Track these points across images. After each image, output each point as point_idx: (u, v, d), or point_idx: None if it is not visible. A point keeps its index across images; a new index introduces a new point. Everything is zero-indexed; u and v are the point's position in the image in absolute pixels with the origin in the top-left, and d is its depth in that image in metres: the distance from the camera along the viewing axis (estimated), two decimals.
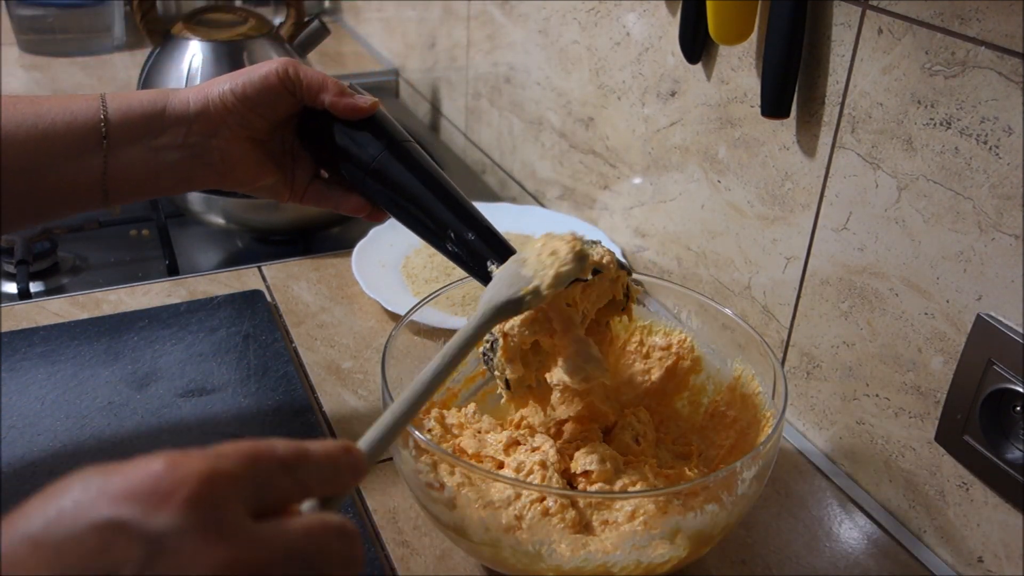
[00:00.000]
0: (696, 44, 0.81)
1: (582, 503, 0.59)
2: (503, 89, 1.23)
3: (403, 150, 0.66)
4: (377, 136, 0.66)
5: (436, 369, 0.51)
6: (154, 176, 0.64)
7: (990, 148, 0.58)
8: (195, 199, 1.03)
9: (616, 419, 0.70)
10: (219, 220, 1.05)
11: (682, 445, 0.71)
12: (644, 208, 0.96)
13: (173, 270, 1.03)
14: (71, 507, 0.34)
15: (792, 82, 0.70)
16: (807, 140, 0.72)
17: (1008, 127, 0.56)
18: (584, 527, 0.59)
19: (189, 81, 1.19)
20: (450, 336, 0.74)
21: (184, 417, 0.75)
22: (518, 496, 0.58)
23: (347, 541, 0.38)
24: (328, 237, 1.11)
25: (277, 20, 1.34)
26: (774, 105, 0.71)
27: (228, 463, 0.36)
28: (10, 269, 0.99)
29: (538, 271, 0.58)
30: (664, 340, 0.75)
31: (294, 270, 0.98)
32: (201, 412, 0.75)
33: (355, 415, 0.78)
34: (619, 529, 0.58)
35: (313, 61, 1.40)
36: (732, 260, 0.84)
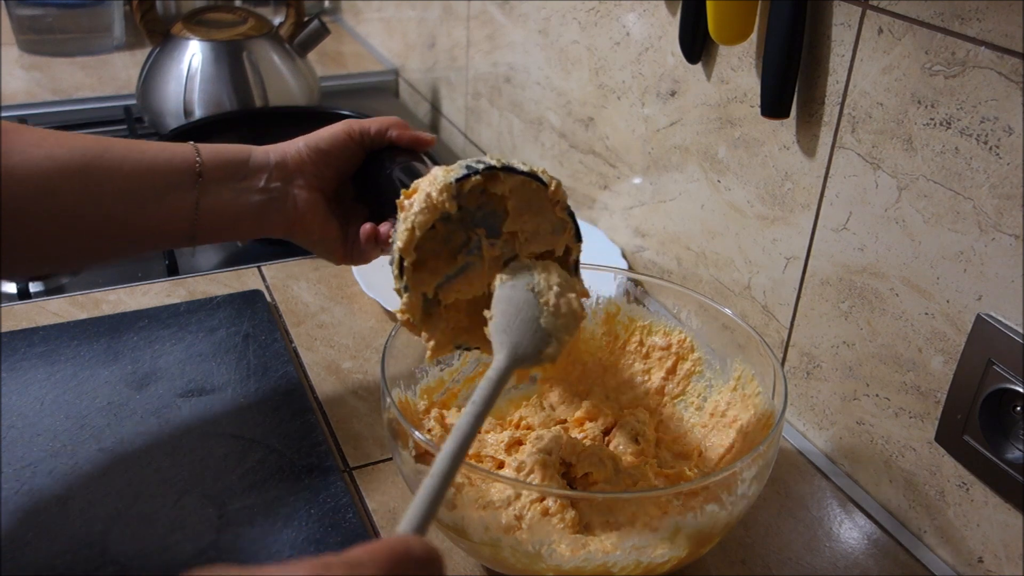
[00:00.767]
0: (696, 44, 0.81)
1: (582, 503, 0.59)
2: (503, 89, 1.23)
3: None
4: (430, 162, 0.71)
5: (469, 427, 0.50)
6: (236, 218, 0.70)
7: (990, 148, 0.58)
8: None
9: (616, 419, 0.70)
10: None
11: (682, 445, 0.71)
12: (644, 208, 0.96)
13: (173, 270, 1.03)
14: None
15: (792, 82, 0.70)
16: (807, 140, 0.72)
17: (1008, 127, 0.56)
18: (584, 527, 0.59)
19: (188, 80, 1.20)
20: None
21: (184, 417, 0.75)
22: (518, 496, 0.59)
23: None
24: None
25: (277, 20, 1.34)
26: (774, 105, 0.71)
27: (369, 571, 0.37)
28: None
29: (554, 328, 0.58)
30: (664, 340, 0.75)
31: (294, 270, 0.98)
32: (201, 412, 0.75)
33: (355, 415, 0.78)
34: (619, 529, 0.58)
35: (313, 61, 1.40)
36: (732, 260, 0.84)
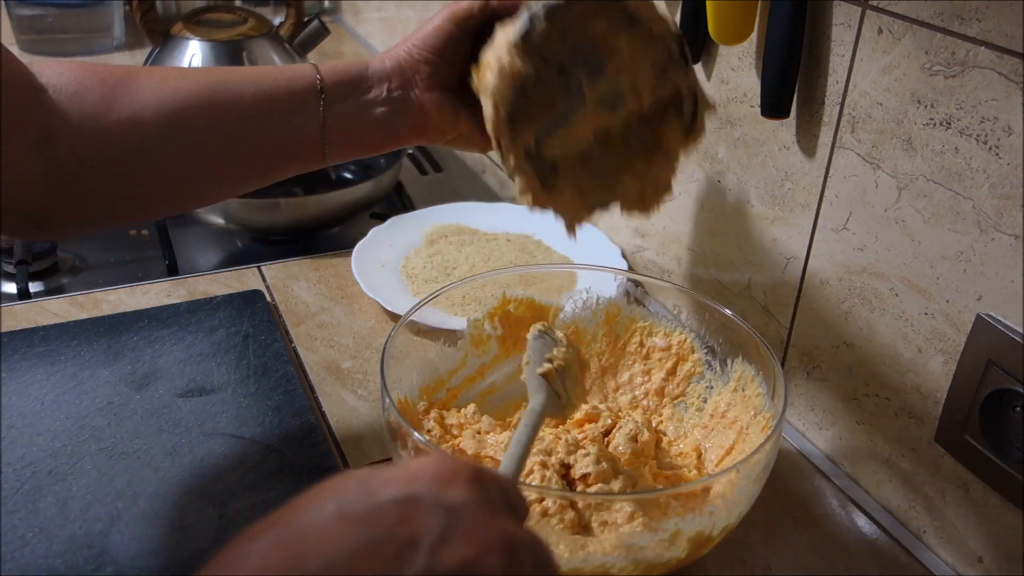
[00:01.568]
0: (696, 44, 0.81)
1: (581, 504, 0.59)
2: None
3: None
4: None
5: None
6: (365, 130, 0.70)
7: (990, 148, 0.58)
8: None
9: (615, 420, 0.70)
10: (219, 220, 1.05)
11: (682, 446, 0.71)
12: None
13: (173, 270, 1.03)
14: (363, 490, 0.38)
15: (792, 82, 0.70)
16: (807, 140, 0.72)
17: (1008, 127, 0.56)
18: (583, 528, 0.59)
19: None
20: (450, 336, 0.75)
21: (183, 417, 0.74)
22: None
23: (554, 562, 0.43)
24: (328, 237, 1.11)
25: (277, 20, 1.34)
26: (774, 105, 0.71)
27: (487, 470, 0.42)
28: (10, 269, 0.99)
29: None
30: (664, 341, 0.75)
31: (294, 270, 0.98)
32: (201, 412, 0.75)
33: (355, 415, 0.78)
34: (618, 530, 0.58)
35: (313, 61, 1.40)
36: (732, 260, 0.84)
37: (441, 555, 0.36)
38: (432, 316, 0.78)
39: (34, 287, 1.00)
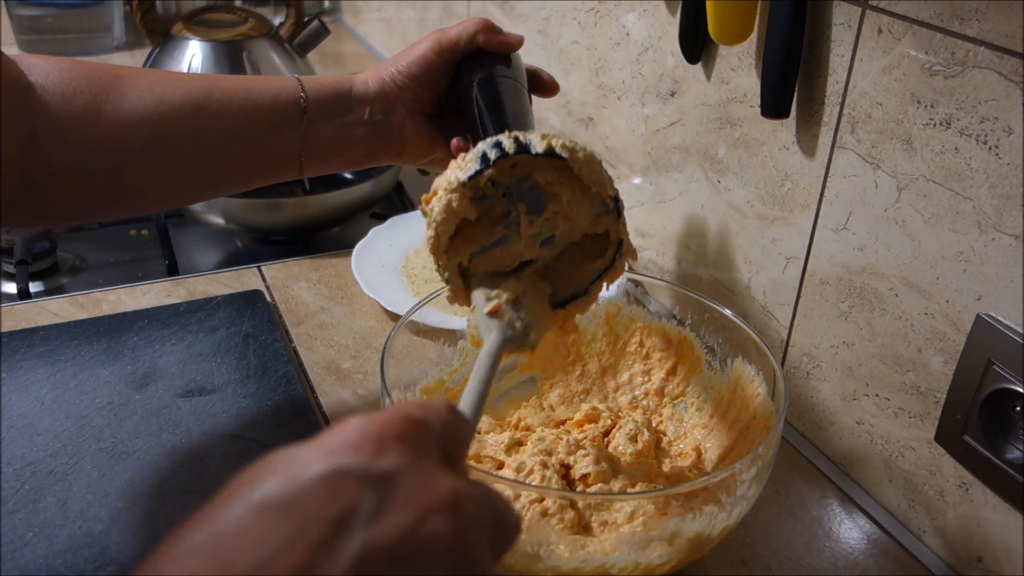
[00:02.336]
0: (696, 44, 0.81)
1: (581, 504, 0.59)
2: None
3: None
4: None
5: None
6: (343, 150, 0.71)
7: (990, 148, 0.58)
8: None
9: (615, 420, 0.70)
10: (219, 220, 1.05)
11: (681, 446, 0.71)
12: (644, 208, 0.96)
13: (173, 270, 1.03)
14: (284, 473, 0.34)
15: (792, 82, 0.70)
16: (807, 140, 0.72)
17: (1008, 127, 0.56)
18: (583, 528, 0.59)
19: None
20: (449, 337, 0.75)
21: (184, 417, 0.75)
22: (517, 497, 0.58)
23: (511, 507, 0.40)
24: (328, 237, 1.11)
25: (277, 20, 1.34)
26: (774, 105, 0.71)
27: (416, 411, 0.38)
28: (10, 269, 0.99)
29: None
30: (664, 341, 0.75)
31: (294, 270, 0.98)
32: (201, 412, 0.75)
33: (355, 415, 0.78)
34: (618, 530, 0.58)
35: (313, 61, 1.40)
36: (732, 260, 0.84)
37: (378, 528, 0.33)
38: (432, 316, 0.78)
39: (34, 287, 1.00)
